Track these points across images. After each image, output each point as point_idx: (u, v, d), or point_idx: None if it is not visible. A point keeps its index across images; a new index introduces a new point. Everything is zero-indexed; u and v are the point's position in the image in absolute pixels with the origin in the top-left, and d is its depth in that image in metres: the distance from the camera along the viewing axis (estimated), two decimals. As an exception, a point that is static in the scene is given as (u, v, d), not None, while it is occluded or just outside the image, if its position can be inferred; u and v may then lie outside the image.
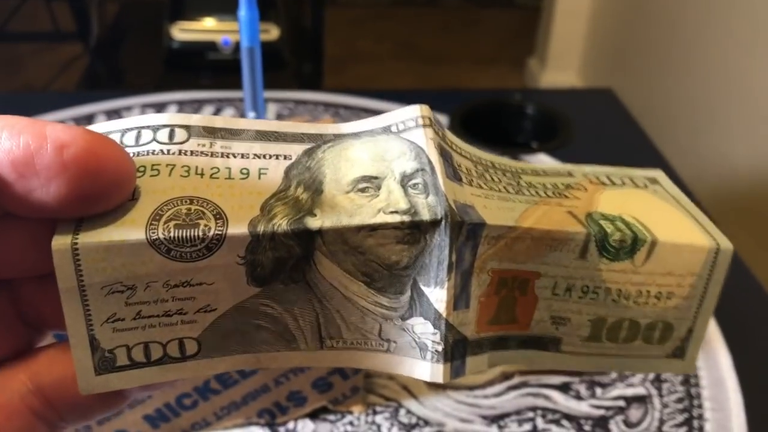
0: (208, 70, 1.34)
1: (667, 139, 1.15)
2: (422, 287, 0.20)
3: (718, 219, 0.67)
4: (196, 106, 0.82)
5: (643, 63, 1.73)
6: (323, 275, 0.19)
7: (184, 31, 1.32)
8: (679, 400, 0.50)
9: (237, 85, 0.51)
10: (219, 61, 1.31)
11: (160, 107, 0.82)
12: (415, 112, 0.21)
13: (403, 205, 0.19)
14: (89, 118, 0.79)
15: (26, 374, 0.19)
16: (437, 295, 0.20)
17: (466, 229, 0.19)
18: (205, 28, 1.32)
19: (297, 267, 0.19)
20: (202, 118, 0.20)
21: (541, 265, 0.22)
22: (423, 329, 0.20)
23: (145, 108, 0.82)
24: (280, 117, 0.81)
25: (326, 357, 0.20)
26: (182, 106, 0.82)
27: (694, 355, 0.24)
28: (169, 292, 0.18)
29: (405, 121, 0.21)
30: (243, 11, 0.46)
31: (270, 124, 0.21)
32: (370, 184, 0.20)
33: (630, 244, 0.22)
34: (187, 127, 0.20)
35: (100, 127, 0.20)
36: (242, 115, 0.80)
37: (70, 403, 0.19)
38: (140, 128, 0.20)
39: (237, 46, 1.30)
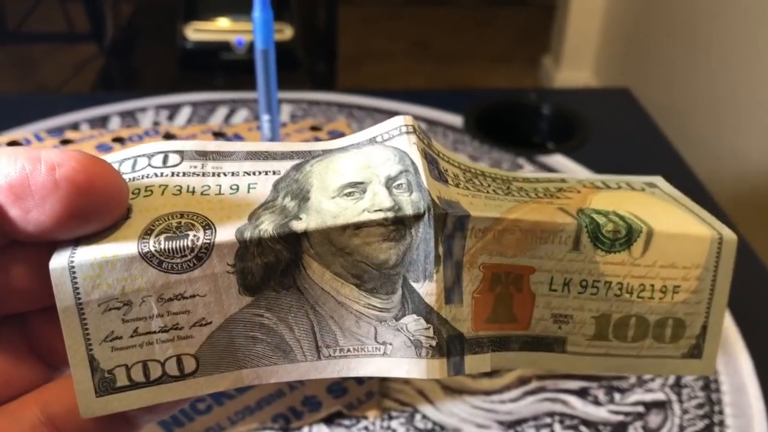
0: (222, 70, 1.34)
1: (682, 136, 1.13)
2: (412, 284, 0.20)
3: (735, 218, 0.66)
4: (209, 107, 0.82)
5: (658, 60, 1.71)
6: (314, 279, 0.20)
7: (198, 32, 1.32)
8: (700, 406, 0.49)
9: (251, 85, 0.51)
10: (233, 61, 1.31)
11: (174, 108, 0.82)
12: (399, 122, 0.22)
13: (387, 203, 0.20)
14: (103, 120, 0.80)
15: (37, 405, 0.19)
16: (427, 289, 0.20)
17: (450, 222, 0.20)
18: (219, 28, 1.32)
19: (287, 272, 0.20)
20: (195, 143, 0.21)
21: (534, 258, 0.21)
22: (416, 326, 0.20)
23: (159, 109, 0.81)
24: (294, 118, 0.80)
25: (324, 367, 0.20)
26: (196, 108, 0.82)
27: (713, 355, 0.23)
28: (164, 306, 0.19)
29: (390, 131, 0.22)
30: (257, 13, 0.46)
31: (261, 145, 0.22)
32: (355, 189, 0.20)
33: (625, 235, 0.22)
34: (180, 152, 0.21)
35: None
36: (257, 116, 0.80)
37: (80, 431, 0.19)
38: (136, 157, 0.21)
39: (251, 46, 1.30)
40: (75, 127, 0.78)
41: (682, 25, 1.60)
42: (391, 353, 0.20)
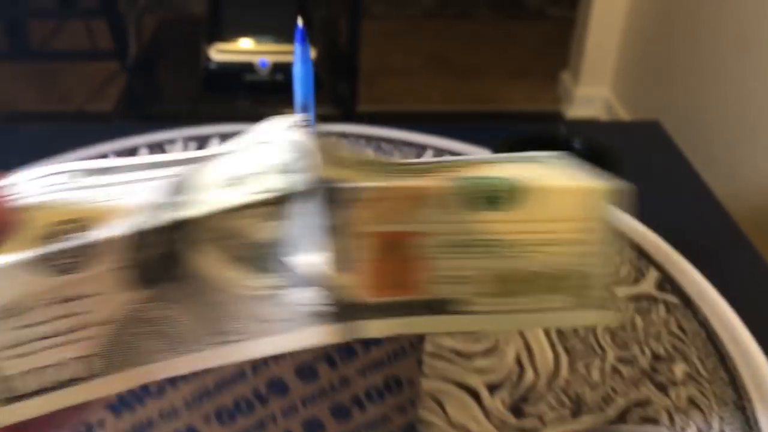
0: (245, 91, 1.34)
1: (703, 152, 1.13)
2: (300, 257, 0.20)
3: (758, 238, 0.65)
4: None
5: (678, 76, 1.70)
6: (203, 267, 0.20)
7: (221, 53, 1.32)
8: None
9: (274, 106, 0.51)
10: (256, 82, 1.32)
11: (202, 140, 0.82)
12: (287, 120, 0.23)
13: (268, 185, 0.20)
14: (132, 152, 0.80)
15: None
16: (311, 260, 0.20)
17: (332, 194, 0.20)
18: (243, 49, 1.33)
19: (177, 263, 0.20)
20: (93, 162, 0.22)
21: (416, 223, 0.22)
22: (308, 298, 0.20)
23: (187, 141, 0.82)
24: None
25: (226, 353, 0.20)
26: (225, 139, 0.82)
27: (612, 304, 0.24)
28: (57, 309, 0.19)
29: (277, 128, 0.23)
30: (298, 67, 0.45)
31: (159, 157, 0.23)
32: (240, 179, 0.21)
33: (503, 193, 0.23)
34: (82, 170, 0.22)
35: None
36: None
37: None
38: (40, 177, 0.22)
39: (274, 68, 1.31)
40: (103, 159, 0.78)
41: (702, 41, 1.59)
42: (287, 329, 0.20)
